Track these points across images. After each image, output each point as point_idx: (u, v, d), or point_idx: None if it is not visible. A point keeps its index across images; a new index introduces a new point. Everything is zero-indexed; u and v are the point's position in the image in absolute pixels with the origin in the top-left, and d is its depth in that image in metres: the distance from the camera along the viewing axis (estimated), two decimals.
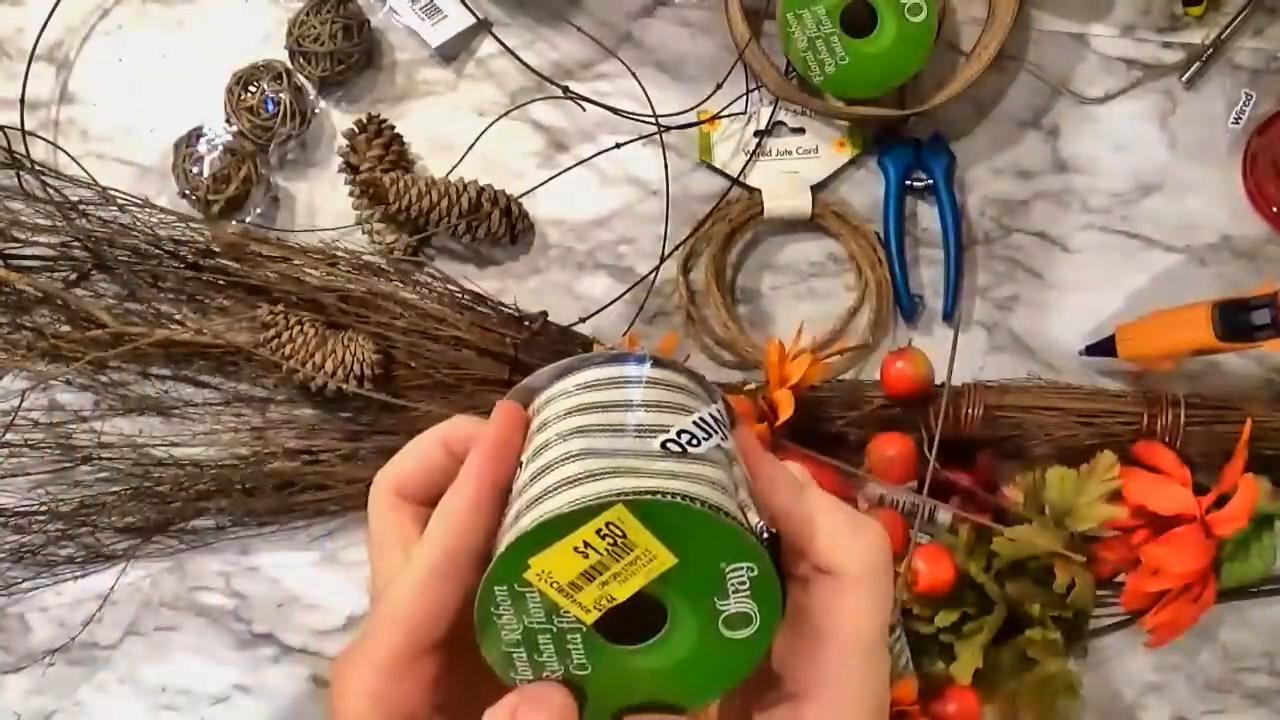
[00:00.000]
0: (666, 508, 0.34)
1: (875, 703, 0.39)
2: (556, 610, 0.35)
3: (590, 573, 0.35)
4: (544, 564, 0.34)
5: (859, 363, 0.79)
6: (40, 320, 0.77)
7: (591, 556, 0.35)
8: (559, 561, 0.34)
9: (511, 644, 0.36)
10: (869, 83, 0.75)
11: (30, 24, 0.81)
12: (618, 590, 0.35)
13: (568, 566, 0.34)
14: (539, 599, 0.35)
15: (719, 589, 0.35)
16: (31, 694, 0.80)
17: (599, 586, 0.35)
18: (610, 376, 0.39)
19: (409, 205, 0.76)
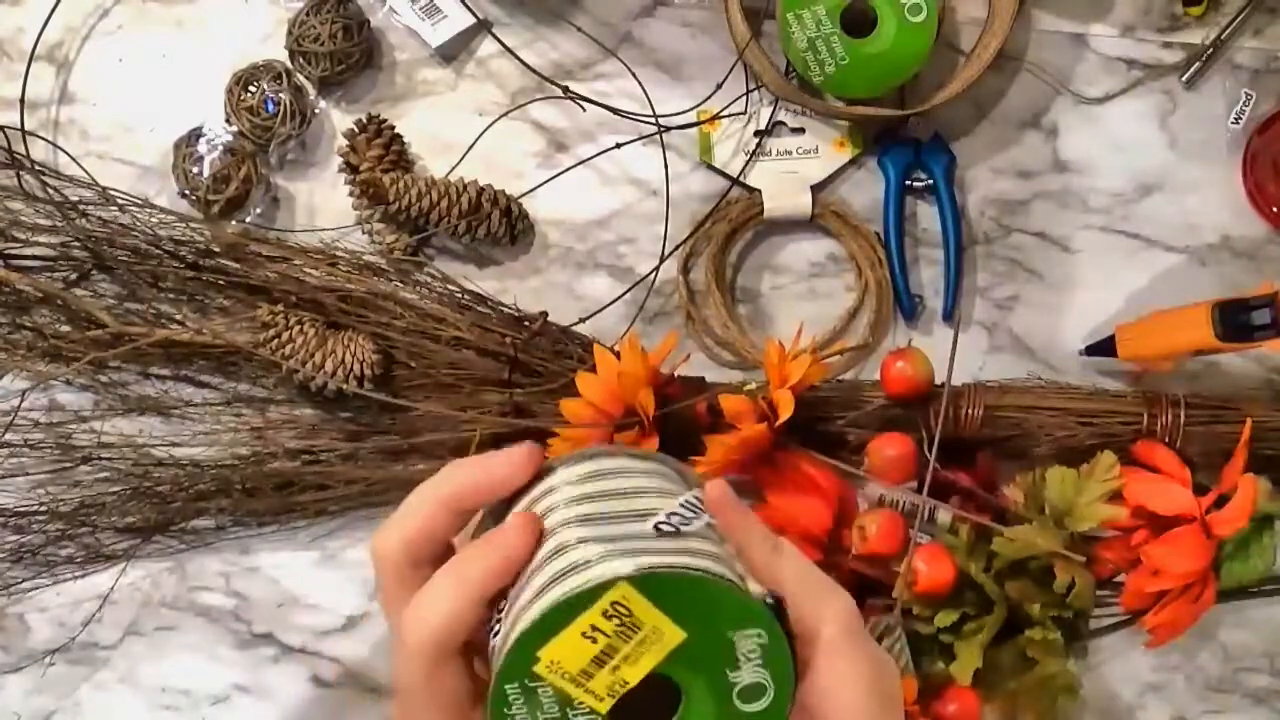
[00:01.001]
0: (671, 580, 0.34)
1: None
2: (570, 703, 0.35)
3: (600, 658, 0.34)
4: (553, 654, 0.34)
5: (859, 363, 0.79)
6: (40, 320, 0.77)
7: (600, 640, 0.34)
8: (568, 649, 0.34)
9: None
10: (869, 83, 0.75)
11: (30, 24, 0.81)
12: (629, 673, 0.35)
13: (578, 654, 0.34)
14: (551, 693, 0.34)
15: (730, 660, 0.35)
16: (31, 694, 0.80)
17: (610, 672, 0.35)
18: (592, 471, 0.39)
19: (409, 205, 0.76)
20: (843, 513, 0.70)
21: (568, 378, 0.73)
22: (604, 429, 0.70)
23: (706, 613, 0.34)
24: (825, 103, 0.77)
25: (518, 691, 0.34)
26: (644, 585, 0.34)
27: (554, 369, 0.75)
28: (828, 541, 0.69)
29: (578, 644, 0.34)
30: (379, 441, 0.77)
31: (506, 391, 0.74)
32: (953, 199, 0.78)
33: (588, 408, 0.71)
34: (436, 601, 0.39)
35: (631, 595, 0.34)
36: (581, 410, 0.71)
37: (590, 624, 0.34)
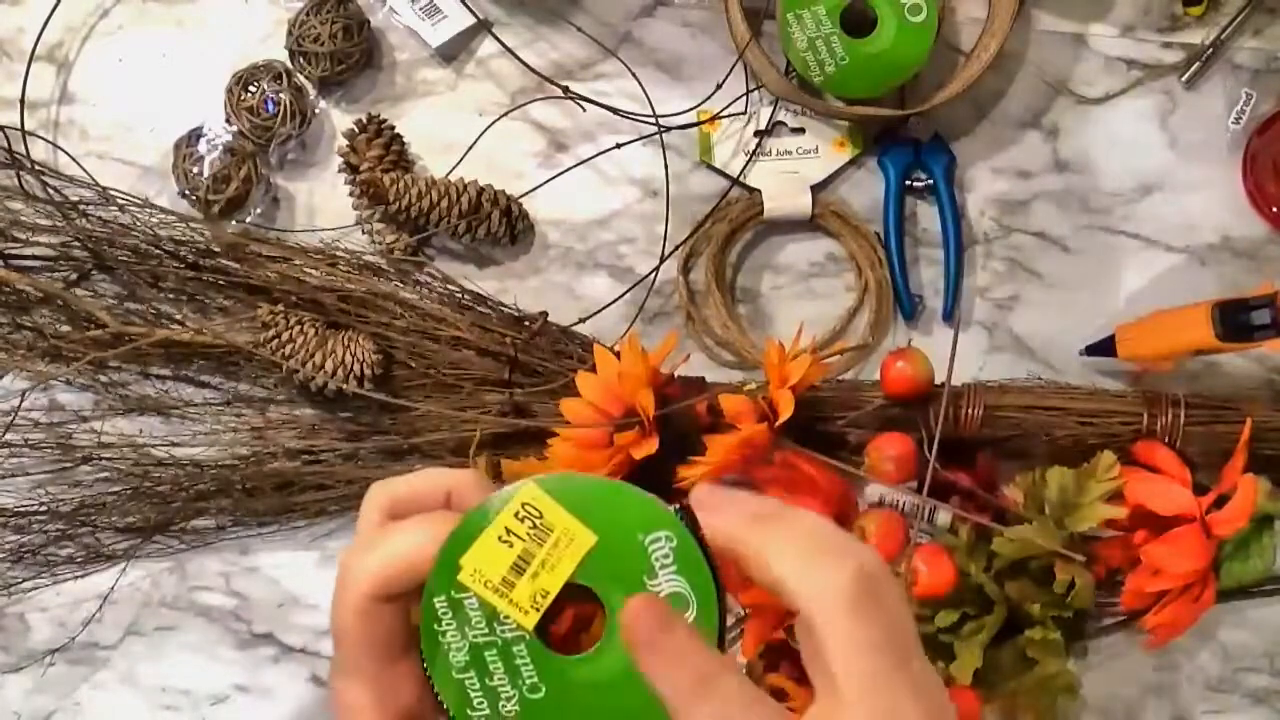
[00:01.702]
0: (576, 484, 0.35)
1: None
2: (496, 617, 0.36)
3: (519, 564, 0.35)
4: (474, 561, 0.35)
5: (859, 363, 0.79)
6: (40, 320, 0.77)
7: (516, 545, 0.35)
8: (487, 555, 0.35)
9: (461, 668, 0.36)
10: (869, 83, 0.75)
11: (30, 24, 0.81)
12: (549, 581, 0.35)
13: (496, 560, 0.35)
14: (477, 605, 0.35)
15: (647, 567, 0.35)
16: (31, 694, 0.80)
17: (530, 579, 0.35)
18: None
19: (409, 205, 0.76)
20: (843, 513, 0.70)
21: (568, 378, 0.73)
22: (604, 429, 0.70)
23: (613, 516, 0.35)
24: (825, 103, 0.77)
25: (445, 606, 0.36)
26: (551, 488, 0.35)
27: (554, 369, 0.75)
28: None
29: (495, 549, 0.35)
30: (379, 441, 0.77)
31: (506, 391, 0.74)
32: (953, 199, 0.78)
33: (588, 408, 0.71)
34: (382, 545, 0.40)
35: (539, 497, 0.35)
36: (581, 410, 0.71)
37: (504, 527, 0.35)
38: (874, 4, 0.74)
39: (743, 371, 0.79)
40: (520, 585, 0.35)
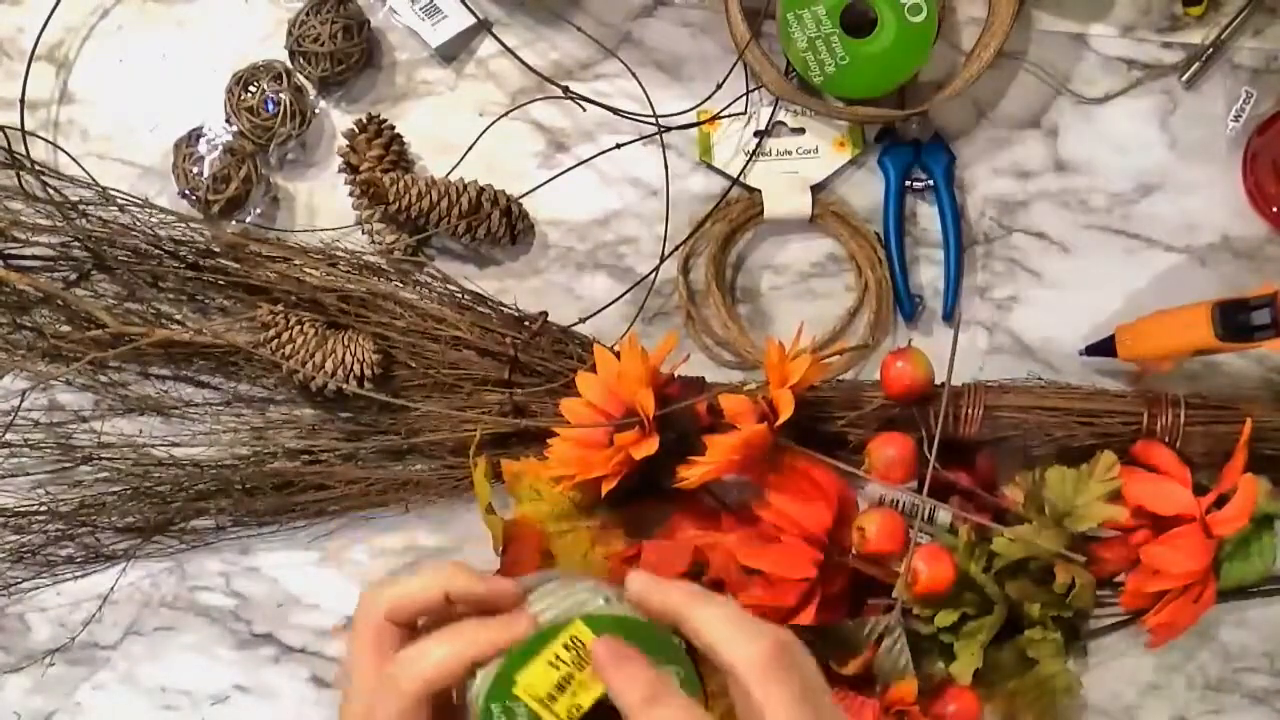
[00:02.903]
0: (611, 620, 0.46)
1: None
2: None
3: (562, 684, 0.45)
4: (528, 678, 0.45)
5: (859, 363, 0.79)
6: (40, 320, 0.77)
7: (561, 669, 0.45)
8: (538, 675, 0.45)
9: None
10: (869, 83, 0.75)
11: (30, 24, 0.81)
12: (584, 698, 0.45)
13: (545, 679, 0.45)
14: (525, 713, 0.45)
15: None
16: (31, 694, 0.80)
17: (570, 696, 0.45)
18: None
19: (409, 205, 0.76)
20: (843, 513, 0.70)
21: (568, 378, 0.73)
22: (604, 429, 0.70)
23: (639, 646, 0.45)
24: (825, 103, 0.77)
25: (500, 711, 0.45)
26: (593, 623, 0.46)
27: (554, 369, 0.75)
28: (828, 541, 0.69)
29: (545, 671, 0.45)
30: (379, 441, 0.77)
31: (506, 391, 0.74)
32: (953, 199, 0.78)
33: (588, 408, 0.71)
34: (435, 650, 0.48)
35: (584, 631, 0.46)
36: (581, 410, 0.71)
37: (554, 654, 0.45)
38: (874, 4, 0.74)
39: (743, 371, 0.79)
40: (561, 700, 0.45)
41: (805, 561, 0.67)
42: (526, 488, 0.72)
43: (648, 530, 0.73)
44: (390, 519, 0.79)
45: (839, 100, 0.77)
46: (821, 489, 0.69)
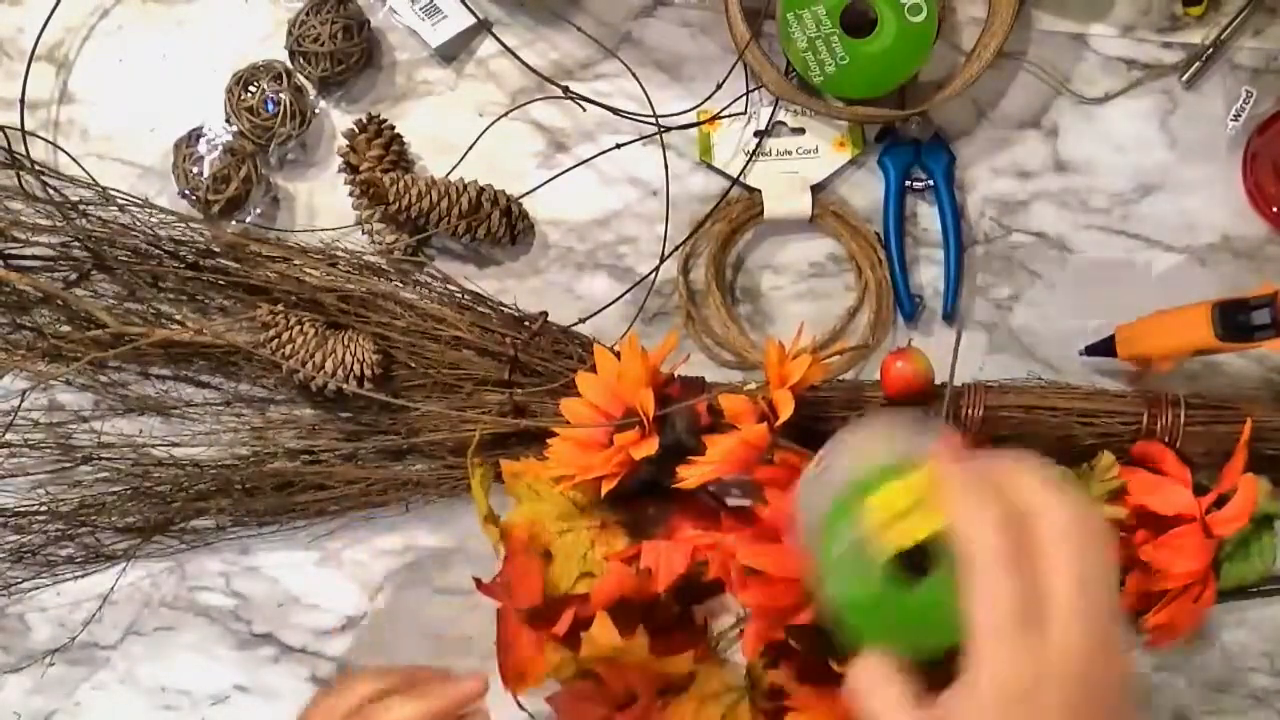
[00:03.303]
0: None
1: (1007, 690, 0.43)
2: (866, 545, 0.48)
3: (905, 512, 0.47)
4: (878, 497, 0.48)
5: (859, 362, 0.79)
6: (40, 320, 0.77)
7: (908, 499, 0.48)
8: (888, 498, 0.48)
9: (839, 555, 0.49)
10: (869, 83, 0.75)
11: (30, 24, 0.81)
12: (920, 530, 0.47)
13: (892, 503, 0.48)
14: (856, 535, 0.48)
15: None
16: (31, 694, 0.80)
17: (906, 525, 0.47)
18: None
19: (409, 205, 0.76)
20: None
21: (568, 378, 0.73)
22: (604, 429, 0.70)
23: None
24: (825, 103, 0.77)
25: (847, 522, 0.49)
26: (934, 475, 0.47)
27: (554, 369, 0.75)
28: None
29: (894, 496, 0.48)
30: (379, 441, 0.77)
31: (506, 391, 0.74)
32: (953, 199, 0.78)
33: (588, 408, 0.71)
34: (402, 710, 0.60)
35: (932, 472, 0.48)
36: (581, 410, 0.71)
37: (905, 485, 0.48)
38: (874, 4, 0.74)
39: (743, 371, 0.79)
40: (898, 528, 0.47)
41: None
42: (526, 488, 0.72)
43: (648, 530, 0.73)
44: (390, 519, 0.79)
45: (839, 100, 0.77)
46: None
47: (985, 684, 0.44)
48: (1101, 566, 0.45)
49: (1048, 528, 0.45)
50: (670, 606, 0.73)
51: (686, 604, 0.75)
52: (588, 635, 0.67)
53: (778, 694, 0.68)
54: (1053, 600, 0.44)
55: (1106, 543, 0.45)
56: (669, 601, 0.72)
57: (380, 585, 0.80)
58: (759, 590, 0.68)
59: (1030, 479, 0.46)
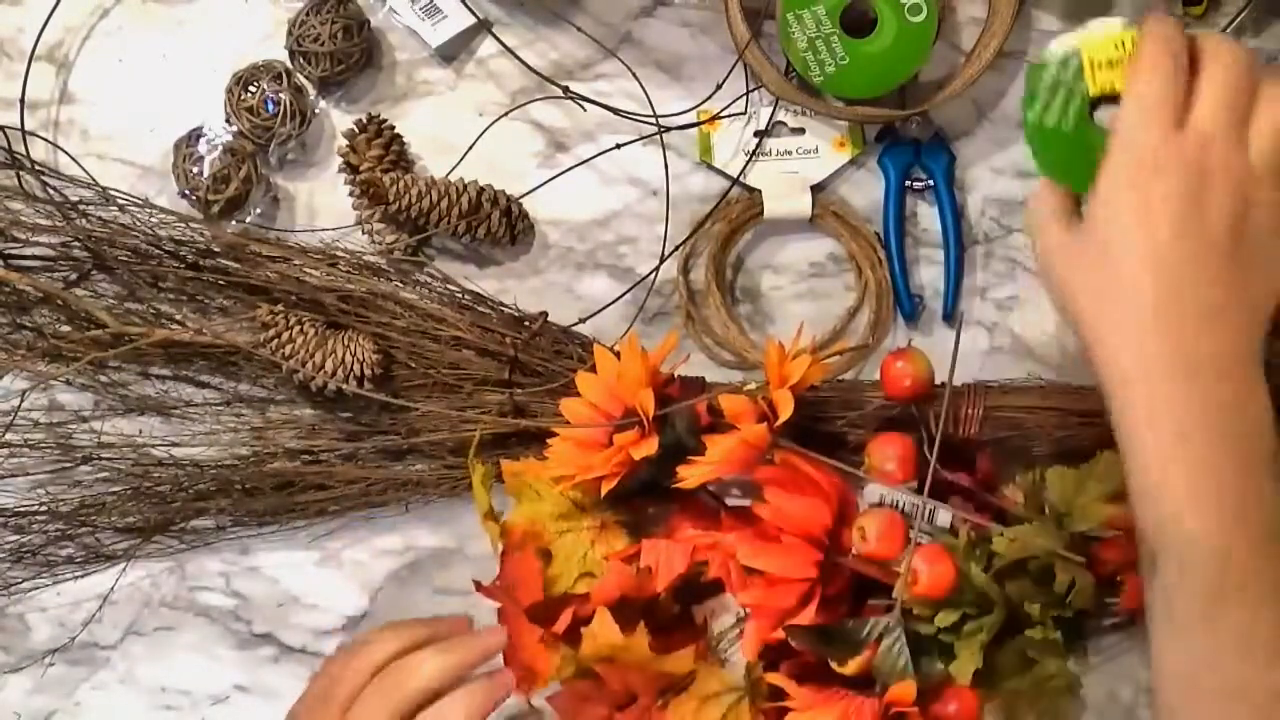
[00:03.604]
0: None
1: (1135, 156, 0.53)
2: (1078, 86, 0.58)
3: (1112, 62, 0.58)
4: (1092, 46, 0.58)
5: (858, 362, 0.79)
6: (40, 320, 0.77)
7: (1117, 54, 0.58)
8: (1100, 47, 0.58)
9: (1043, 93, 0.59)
10: (869, 83, 0.75)
11: (30, 24, 0.81)
12: (1119, 83, 0.57)
13: (1103, 51, 0.58)
14: (1074, 70, 0.58)
15: None
16: (31, 694, 0.80)
17: (1109, 74, 0.58)
18: None
19: (409, 205, 0.76)
20: (843, 513, 0.70)
21: (568, 378, 0.73)
22: (604, 429, 0.70)
23: None
24: (825, 103, 0.77)
25: (1059, 61, 0.59)
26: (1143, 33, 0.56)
27: (554, 369, 0.75)
28: (828, 542, 0.69)
29: (1106, 47, 0.58)
30: (379, 441, 0.77)
31: (506, 391, 0.74)
32: (953, 199, 0.78)
33: (588, 408, 0.71)
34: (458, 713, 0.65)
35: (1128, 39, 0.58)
36: (581, 410, 0.71)
37: (1119, 40, 0.58)
38: (874, 4, 0.74)
39: (743, 371, 0.79)
40: (1104, 75, 0.58)
41: (805, 561, 0.67)
42: (526, 488, 0.72)
43: (648, 530, 0.73)
44: (390, 519, 0.79)
45: (839, 100, 0.77)
46: (821, 489, 0.69)
47: (1117, 152, 0.54)
48: (1250, 95, 0.54)
49: (1210, 57, 0.54)
50: (670, 606, 0.73)
51: (686, 604, 0.75)
52: (588, 632, 0.67)
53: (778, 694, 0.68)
54: (1198, 102, 0.54)
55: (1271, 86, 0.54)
56: (669, 601, 0.72)
57: (380, 585, 0.80)
58: (759, 590, 0.68)
59: (1219, 43, 0.55)
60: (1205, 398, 0.52)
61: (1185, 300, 0.52)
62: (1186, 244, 0.52)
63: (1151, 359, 0.52)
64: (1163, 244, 0.52)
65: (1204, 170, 0.52)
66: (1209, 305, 0.52)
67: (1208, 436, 0.52)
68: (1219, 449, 0.52)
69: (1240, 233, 0.52)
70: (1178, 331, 0.52)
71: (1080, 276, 0.55)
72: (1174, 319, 0.52)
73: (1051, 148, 0.61)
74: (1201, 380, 0.52)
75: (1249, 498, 0.52)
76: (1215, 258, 0.52)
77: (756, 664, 0.69)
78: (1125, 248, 0.53)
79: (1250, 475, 0.52)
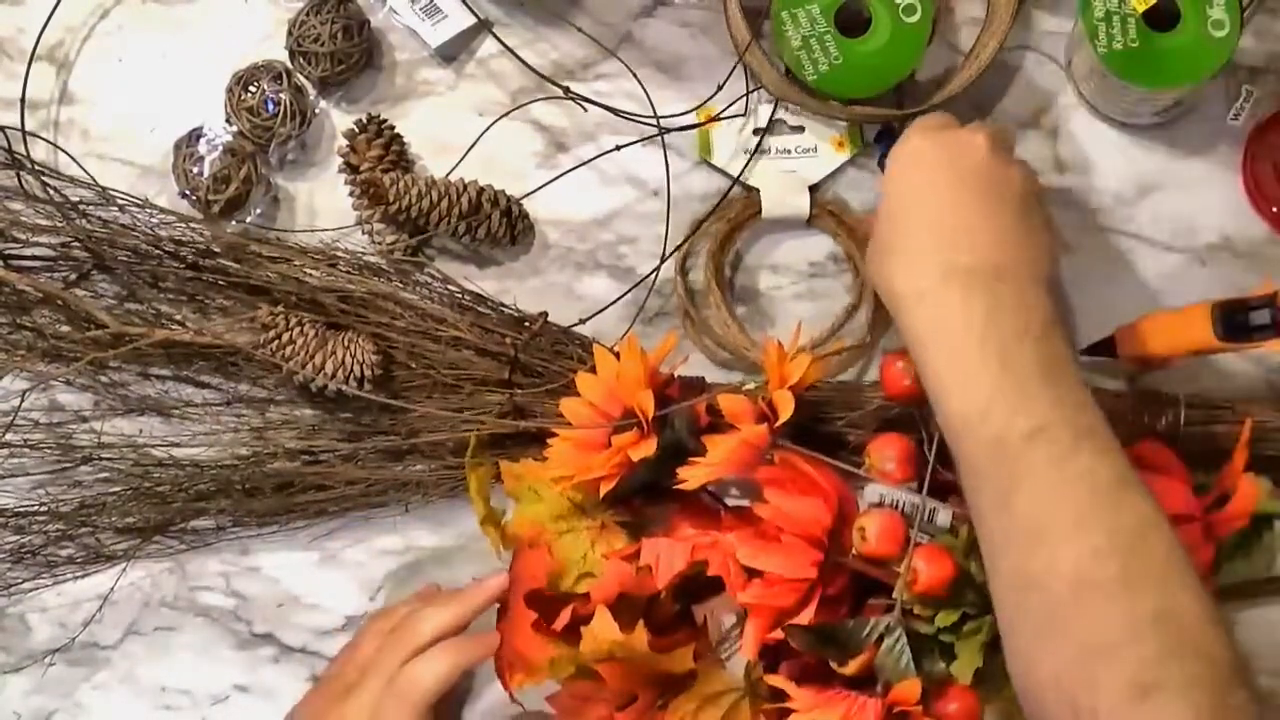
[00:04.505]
0: None
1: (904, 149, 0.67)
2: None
3: None
4: None
5: (857, 362, 0.79)
6: (40, 320, 0.77)
7: None
8: None
9: None
10: (862, 82, 0.75)
11: (30, 24, 0.81)
12: None
13: None
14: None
15: None
16: (31, 694, 0.80)
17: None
18: None
19: (409, 205, 0.76)
20: (843, 513, 0.70)
21: (568, 378, 0.73)
22: (604, 429, 0.70)
23: None
24: (826, 104, 0.77)
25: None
26: None
27: (554, 369, 0.75)
28: (828, 542, 0.69)
29: None
30: (379, 441, 0.77)
31: (507, 392, 0.74)
32: None
33: (588, 408, 0.71)
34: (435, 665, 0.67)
35: None
36: (581, 410, 0.71)
37: None
38: (869, 4, 0.74)
39: (742, 371, 0.79)
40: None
41: (805, 561, 0.67)
42: (526, 489, 0.72)
43: (648, 530, 0.73)
44: (390, 519, 0.79)
45: (835, 99, 0.77)
46: (821, 489, 0.69)
47: (896, 159, 0.67)
48: None
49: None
50: (670, 606, 0.73)
51: (686, 604, 0.75)
52: (588, 631, 0.67)
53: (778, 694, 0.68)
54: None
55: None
56: (669, 600, 0.72)
57: (380, 585, 0.80)
58: (759, 590, 0.68)
59: None
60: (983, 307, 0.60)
61: (945, 224, 0.63)
62: (945, 186, 0.64)
63: (921, 277, 0.62)
64: (928, 185, 0.64)
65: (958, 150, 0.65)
66: (966, 226, 0.63)
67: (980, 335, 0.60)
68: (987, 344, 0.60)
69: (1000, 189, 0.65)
70: (948, 248, 0.62)
71: (877, 249, 0.66)
72: (939, 240, 0.63)
73: (1130, 65, 0.70)
74: (962, 288, 0.61)
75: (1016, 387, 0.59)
76: (969, 189, 0.64)
77: (756, 664, 0.69)
78: (902, 204, 0.65)
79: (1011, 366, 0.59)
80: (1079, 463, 0.56)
